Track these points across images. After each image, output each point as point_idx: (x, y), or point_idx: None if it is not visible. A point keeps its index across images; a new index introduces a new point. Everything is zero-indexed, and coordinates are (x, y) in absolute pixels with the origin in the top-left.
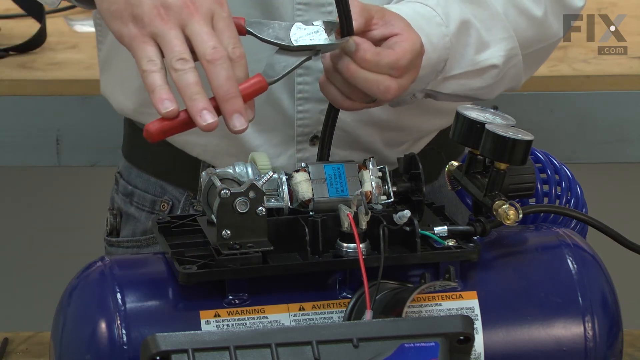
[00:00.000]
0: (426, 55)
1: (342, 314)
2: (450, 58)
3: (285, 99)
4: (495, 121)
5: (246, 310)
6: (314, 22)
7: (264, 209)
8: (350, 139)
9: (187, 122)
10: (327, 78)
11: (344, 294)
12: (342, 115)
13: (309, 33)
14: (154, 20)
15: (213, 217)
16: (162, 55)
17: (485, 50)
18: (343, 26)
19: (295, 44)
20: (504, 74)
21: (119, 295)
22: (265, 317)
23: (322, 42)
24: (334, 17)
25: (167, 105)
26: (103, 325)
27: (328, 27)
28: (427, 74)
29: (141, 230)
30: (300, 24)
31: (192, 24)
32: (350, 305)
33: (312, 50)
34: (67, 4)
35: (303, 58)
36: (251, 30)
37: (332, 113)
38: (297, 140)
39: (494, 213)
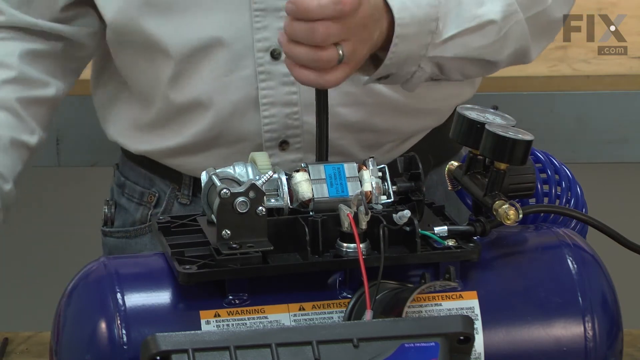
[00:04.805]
0: (411, 12)
1: (342, 314)
2: (443, 17)
3: (250, 108)
4: (495, 121)
5: (246, 310)
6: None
7: (264, 209)
8: None
9: None
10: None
11: (344, 294)
12: (312, 120)
13: None
14: None
15: (213, 217)
16: None
17: (481, 7)
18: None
19: None
20: (506, 32)
21: (119, 295)
22: (265, 317)
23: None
24: None
25: None
26: (103, 325)
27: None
28: (418, 32)
29: (130, 221)
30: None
31: None
32: (350, 305)
33: None
34: None
35: None
36: None
37: (322, 103)
38: (265, 147)
39: (494, 213)
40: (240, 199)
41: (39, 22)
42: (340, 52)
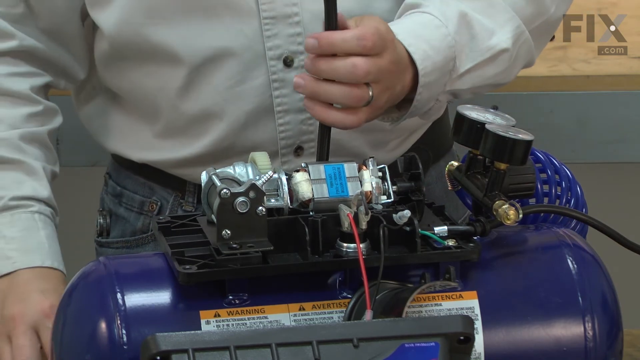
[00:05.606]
0: (432, 60)
1: (342, 314)
2: (459, 54)
3: (265, 116)
4: (495, 121)
5: (246, 310)
6: None
7: (264, 209)
8: (334, 146)
9: None
10: (309, 98)
11: (344, 294)
12: None
13: None
14: None
15: (213, 217)
16: None
17: (492, 37)
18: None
19: None
20: (516, 54)
21: (119, 295)
22: (265, 317)
23: None
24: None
25: None
26: (103, 325)
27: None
28: (439, 77)
29: (130, 231)
30: None
31: (15, 338)
32: (350, 305)
33: None
34: None
35: None
36: None
37: None
38: (281, 153)
39: (494, 213)
40: (240, 199)
41: (41, 47)
42: (371, 92)
